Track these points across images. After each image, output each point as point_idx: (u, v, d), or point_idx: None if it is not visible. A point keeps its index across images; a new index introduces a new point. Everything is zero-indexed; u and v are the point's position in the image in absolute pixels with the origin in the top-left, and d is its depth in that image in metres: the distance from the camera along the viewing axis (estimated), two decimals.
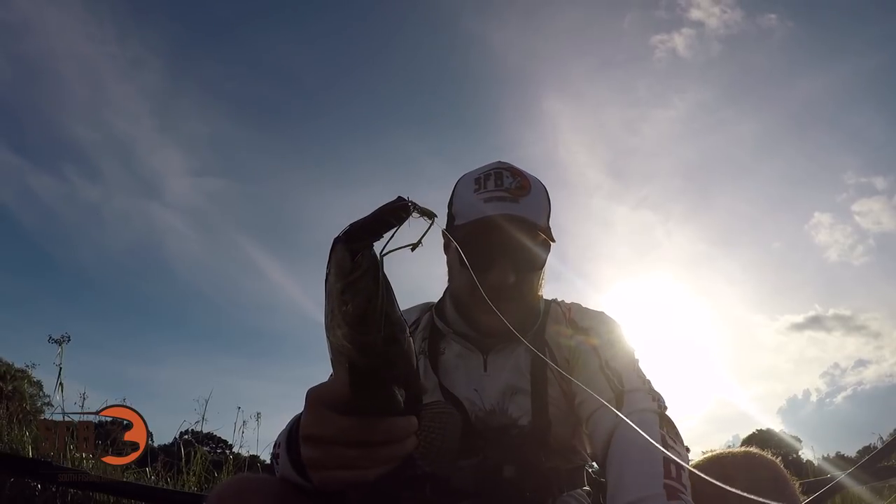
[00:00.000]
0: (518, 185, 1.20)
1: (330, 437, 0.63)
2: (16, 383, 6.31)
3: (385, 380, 0.62)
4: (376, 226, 0.58)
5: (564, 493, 1.17)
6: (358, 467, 0.63)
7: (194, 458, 3.73)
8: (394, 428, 0.63)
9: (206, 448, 4.06)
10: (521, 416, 1.18)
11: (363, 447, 0.63)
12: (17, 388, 6.19)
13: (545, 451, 1.17)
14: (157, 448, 4.56)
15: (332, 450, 0.63)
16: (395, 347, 0.62)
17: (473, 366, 1.24)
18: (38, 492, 2.62)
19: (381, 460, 0.63)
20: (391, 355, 0.61)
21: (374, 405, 0.62)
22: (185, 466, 3.67)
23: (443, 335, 1.30)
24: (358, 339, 0.58)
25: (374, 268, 0.58)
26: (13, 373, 7.29)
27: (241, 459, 4.26)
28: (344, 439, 0.63)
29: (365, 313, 0.58)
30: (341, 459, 0.63)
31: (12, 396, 5.68)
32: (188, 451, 3.74)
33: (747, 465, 0.87)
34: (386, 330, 0.59)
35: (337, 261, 0.58)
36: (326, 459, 0.64)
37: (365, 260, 0.58)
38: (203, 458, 3.76)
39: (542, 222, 1.21)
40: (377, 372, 0.61)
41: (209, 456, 3.89)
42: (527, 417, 1.17)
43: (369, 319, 0.58)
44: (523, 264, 1.18)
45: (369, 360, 0.60)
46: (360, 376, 0.61)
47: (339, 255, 0.58)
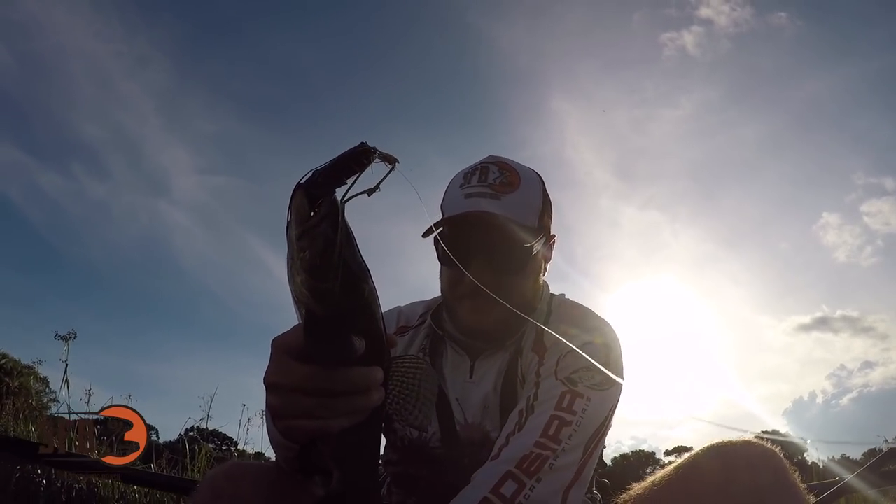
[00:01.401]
0: (504, 180, 1.14)
1: (290, 385, 0.62)
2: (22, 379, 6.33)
3: (341, 328, 0.60)
4: (337, 172, 0.58)
5: None
6: (319, 416, 0.62)
7: (199, 454, 3.74)
8: (353, 377, 0.62)
9: (210, 445, 4.07)
10: (492, 430, 1.12)
11: (323, 396, 0.61)
12: (24, 384, 6.21)
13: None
14: (162, 444, 4.57)
15: (293, 398, 0.62)
16: (354, 296, 0.61)
17: (460, 372, 1.20)
18: (44, 487, 2.62)
19: (342, 410, 0.62)
20: (349, 304, 0.60)
21: (330, 353, 0.60)
22: (189, 463, 3.68)
23: (441, 337, 1.26)
24: (315, 286, 0.58)
25: (334, 214, 0.57)
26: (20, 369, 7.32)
27: (246, 456, 4.27)
28: (303, 387, 0.61)
29: (322, 260, 0.57)
30: (302, 408, 0.62)
31: (18, 392, 5.70)
32: (193, 447, 3.75)
33: (746, 455, 0.86)
34: (344, 278, 0.58)
35: (296, 206, 0.57)
36: (288, 407, 0.64)
37: (324, 206, 0.57)
38: (208, 455, 3.77)
39: (529, 220, 1.14)
40: (333, 320, 0.59)
41: (214, 453, 3.90)
42: (496, 432, 1.08)
43: (326, 266, 0.57)
44: (501, 265, 1.10)
45: (325, 307, 0.59)
46: (316, 324, 0.59)
47: (298, 200, 0.57)
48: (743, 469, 0.83)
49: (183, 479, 3.09)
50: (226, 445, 6.39)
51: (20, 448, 2.47)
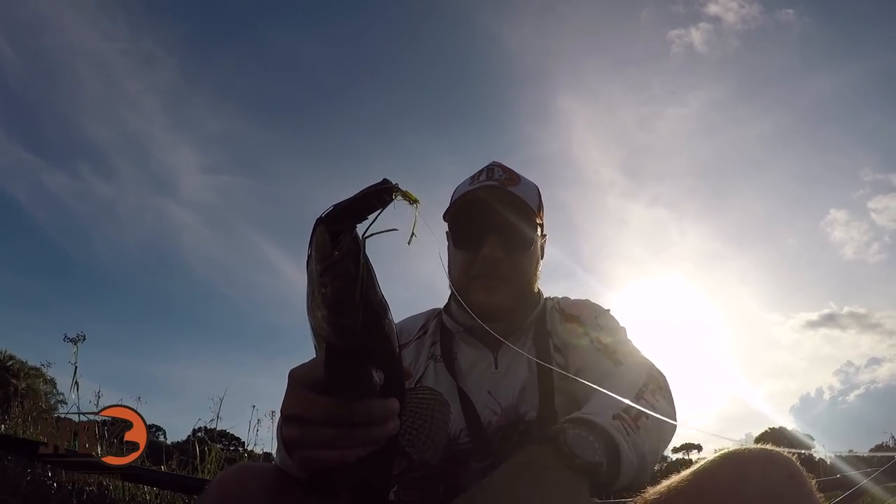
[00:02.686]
0: (507, 177, 1.27)
1: (308, 417, 0.63)
2: (30, 381, 6.36)
3: (362, 363, 0.61)
4: (359, 208, 0.58)
5: None
6: (336, 447, 0.63)
7: (208, 455, 3.74)
8: (371, 409, 0.63)
9: (219, 446, 4.08)
10: (528, 410, 1.17)
11: (341, 427, 0.63)
12: (31, 385, 6.25)
13: None
14: (171, 445, 4.58)
15: (310, 429, 0.64)
16: (374, 332, 0.62)
17: (485, 366, 1.24)
18: (55, 490, 2.63)
19: (360, 441, 0.63)
20: (370, 339, 0.61)
21: (349, 387, 0.61)
22: (199, 464, 3.69)
23: (452, 335, 1.30)
24: (336, 322, 0.58)
25: (355, 251, 0.58)
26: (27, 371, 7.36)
27: (256, 457, 4.28)
28: (322, 419, 0.63)
29: (344, 297, 0.57)
30: (320, 439, 0.63)
31: (26, 394, 5.73)
32: (202, 448, 3.76)
33: (762, 463, 0.84)
34: (365, 314, 0.59)
35: (317, 242, 0.58)
36: (306, 439, 0.64)
37: (346, 242, 0.57)
38: (217, 456, 3.78)
39: (534, 205, 1.25)
40: (354, 355, 0.60)
41: (223, 453, 3.91)
42: (533, 412, 1.16)
43: (348, 303, 0.57)
44: (513, 241, 1.21)
45: (347, 343, 0.59)
46: (337, 359, 0.60)
47: (320, 236, 0.57)
48: (758, 477, 0.81)
49: (186, 477, 3.10)
50: (234, 446, 6.41)
51: (20, 447, 2.47)
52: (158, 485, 2.87)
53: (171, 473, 3.22)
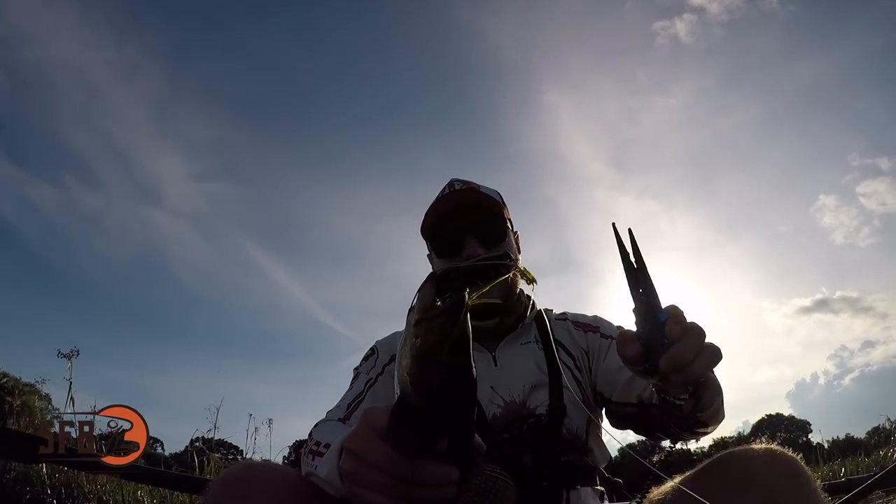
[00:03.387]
0: (468, 186, 1.36)
1: (366, 458, 0.65)
2: (25, 398, 6.31)
3: (430, 423, 0.61)
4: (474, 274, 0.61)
5: (579, 487, 1.18)
6: (386, 495, 0.64)
7: (207, 465, 3.74)
8: (429, 471, 0.63)
9: (217, 455, 4.08)
10: (537, 405, 1.21)
11: (394, 479, 0.64)
12: (26, 402, 6.20)
13: (559, 444, 1.19)
14: (169, 457, 4.57)
15: (365, 469, 0.66)
16: (452, 396, 0.61)
17: (484, 364, 1.28)
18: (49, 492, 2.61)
19: (409, 497, 0.64)
20: (445, 402, 0.60)
21: (410, 444, 0.62)
22: (198, 475, 3.68)
23: None
24: (416, 375, 0.59)
25: (456, 311, 0.58)
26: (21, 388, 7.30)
27: None
28: (376, 465, 0.64)
29: (430, 352, 0.57)
30: (372, 482, 0.65)
31: (22, 412, 5.69)
32: (200, 459, 3.75)
33: (766, 462, 0.85)
34: (448, 376, 0.59)
35: (423, 293, 0.59)
36: (360, 477, 0.66)
37: (450, 301, 0.58)
38: (216, 466, 3.78)
39: (497, 200, 1.34)
40: (425, 414, 0.60)
41: (222, 463, 3.90)
42: (543, 409, 1.21)
43: (432, 359, 0.57)
44: (489, 236, 1.27)
45: (420, 399, 0.59)
46: (405, 411, 0.61)
47: (426, 289, 0.59)
48: (762, 476, 0.83)
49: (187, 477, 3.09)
50: (232, 455, 6.40)
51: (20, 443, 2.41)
52: (159, 484, 2.86)
53: (172, 472, 3.19)
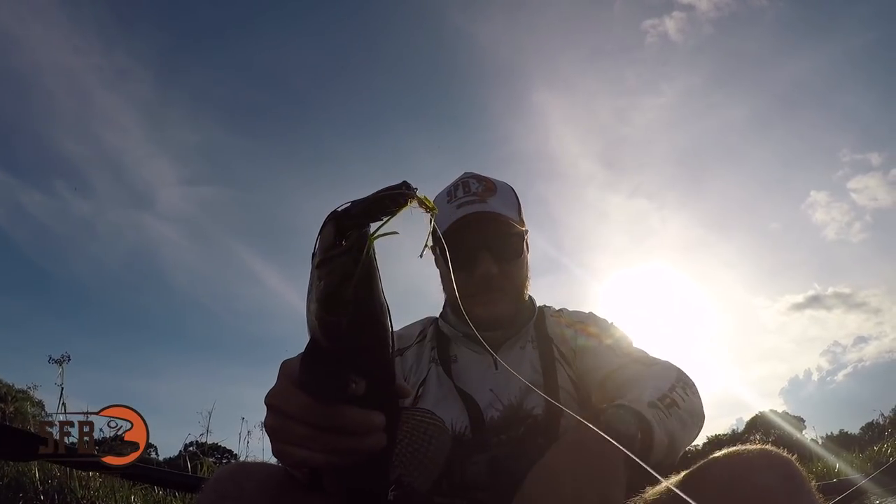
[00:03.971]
0: (485, 188, 1.32)
1: (285, 411, 0.63)
2: (17, 404, 6.28)
3: (342, 365, 0.58)
4: (373, 208, 0.56)
5: None
6: (307, 447, 0.62)
7: (201, 470, 3.74)
8: (349, 417, 0.61)
9: (211, 459, 4.07)
10: (534, 407, 1.22)
11: (314, 429, 0.61)
12: (19, 408, 6.17)
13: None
14: (162, 462, 4.56)
15: (286, 423, 0.63)
16: (363, 336, 0.59)
17: (485, 367, 1.30)
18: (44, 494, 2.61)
19: (333, 447, 0.62)
20: (356, 342, 0.58)
21: (324, 389, 0.59)
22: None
23: (450, 340, 1.36)
24: (323, 317, 0.57)
25: (359, 248, 0.56)
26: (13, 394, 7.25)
27: None
28: (296, 416, 0.62)
29: (335, 292, 0.56)
30: (294, 435, 0.63)
31: (14, 418, 5.66)
32: (194, 463, 3.75)
33: (761, 464, 0.84)
34: (356, 315, 0.57)
35: (323, 235, 0.57)
36: (281, 432, 0.64)
37: (351, 238, 0.56)
38: (210, 470, 3.77)
39: (514, 214, 1.32)
40: (335, 355, 0.58)
41: (215, 467, 3.90)
42: (539, 409, 1.22)
43: (338, 299, 0.56)
44: (503, 254, 1.28)
45: (330, 341, 0.58)
46: (316, 356, 0.58)
47: (326, 230, 0.57)
48: (757, 478, 0.81)
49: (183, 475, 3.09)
50: (226, 459, 6.38)
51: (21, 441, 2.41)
52: (157, 483, 2.86)
53: (169, 471, 3.19)
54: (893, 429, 8.15)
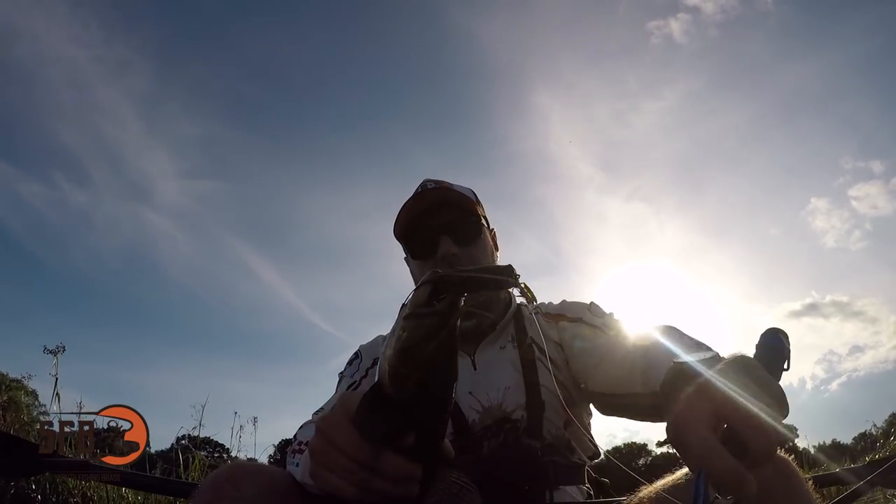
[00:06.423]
0: (440, 185, 1.34)
1: (334, 441, 0.66)
2: (11, 393, 6.28)
3: (394, 413, 0.61)
4: (473, 283, 0.60)
5: (563, 487, 1.19)
6: (346, 480, 0.65)
7: (192, 463, 3.75)
8: (391, 463, 0.63)
9: (203, 453, 4.08)
10: (514, 409, 1.21)
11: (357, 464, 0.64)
12: (13, 398, 6.17)
13: (541, 444, 1.19)
14: (154, 454, 4.57)
15: (331, 451, 0.66)
16: (427, 396, 0.61)
17: (463, 367, 1.27)
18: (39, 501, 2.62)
19: (369, 487, 0.64)
20: (419, 399, 0.61)
21: (375, 434, 0.62)
22: (183, 472, 3.69)
23: None
24: (395, 367, 0.59)
25: (447, 314, 0.59)
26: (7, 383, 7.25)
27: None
28: (343, 448, 0.65)
29: (415, 347, 0.58)
30: (334, 464, 0.65)
31: (8, 407, 5.66)
32: (186, 456, 3.76)
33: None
34: (426, 375, 0.59)
35: (418, 291, 0.60)
36: (324, 456, 0.67)
37: (443, 302, 0.59)
38: (201, 464, 3.79)
39: (471, 198, 1.32)
40: (394, 404, 0.61)
41: (207, 461, 3.91)
42: (521, 410, 1.21)
43: (415, 355, 0.58)
44: (462, 234, 1.28)
45: (395, 391, 0.60)
46: (376, 399, 0.62)
47: (423, 287, 0.60)
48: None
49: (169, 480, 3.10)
50: (218, 453, 6.39)
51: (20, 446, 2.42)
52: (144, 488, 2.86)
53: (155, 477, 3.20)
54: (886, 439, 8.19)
